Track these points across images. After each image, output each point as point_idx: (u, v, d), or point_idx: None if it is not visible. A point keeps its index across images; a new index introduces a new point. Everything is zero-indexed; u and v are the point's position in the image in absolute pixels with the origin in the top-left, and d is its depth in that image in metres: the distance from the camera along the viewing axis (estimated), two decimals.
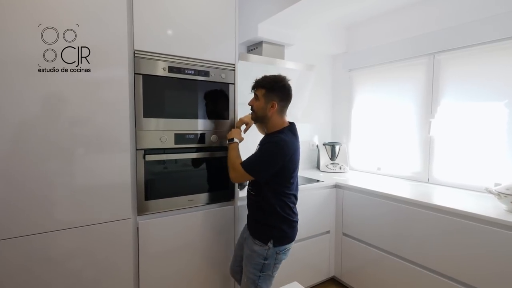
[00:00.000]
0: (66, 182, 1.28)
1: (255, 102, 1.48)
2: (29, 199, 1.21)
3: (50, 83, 1.21)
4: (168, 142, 1.53)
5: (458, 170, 2.10)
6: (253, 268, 1.43)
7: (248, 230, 1.52)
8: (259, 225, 1.46)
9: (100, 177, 1.36)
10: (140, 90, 1.44)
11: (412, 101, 2.38)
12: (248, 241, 1.49)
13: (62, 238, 1.29)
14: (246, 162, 1.42)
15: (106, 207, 1.38)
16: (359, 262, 2.18)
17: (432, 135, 2.25)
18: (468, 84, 2.04)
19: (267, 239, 1.42)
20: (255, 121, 1.56)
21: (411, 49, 2.31)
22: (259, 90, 1.46)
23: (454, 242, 1.62)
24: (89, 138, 1.32)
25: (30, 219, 1.22)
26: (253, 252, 1.44)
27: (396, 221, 1.91)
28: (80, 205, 1.32)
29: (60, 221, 1.28)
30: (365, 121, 2.79)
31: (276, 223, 1.43)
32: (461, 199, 1.81)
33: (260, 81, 1.47)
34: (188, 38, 1.56)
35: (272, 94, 1.44)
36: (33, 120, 1.19)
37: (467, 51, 2.02)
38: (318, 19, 2.16)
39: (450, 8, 2.10)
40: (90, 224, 1.35)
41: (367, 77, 2.76)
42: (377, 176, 2.60)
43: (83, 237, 1.33)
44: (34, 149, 1.20)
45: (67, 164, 1.28)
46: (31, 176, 1.21)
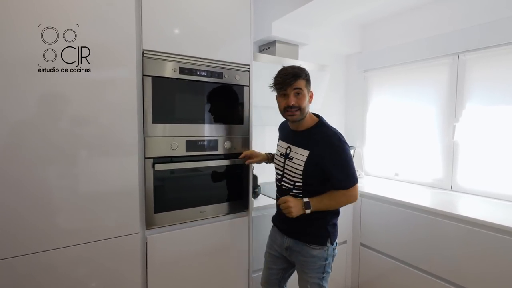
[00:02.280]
0: (70, 194, 1.17)
1: (299, 98, 1.24)
2: (31, 210, 1.10)
3: (51, 83, 1.11)
4: (179, 150, 1.41)
5: (485, 177, 1.96)
6: (316, 273, 1.32)
7: (294, 237, 1.35)
8: (312, 228, 1.31)
9: (106, 189, 1.24)
10: (149, 93, 1.32)
11: (433, 103, 2.24)
12: (298, 247, 1.33)
13: (66, 254, 1.18)
14: (345, 177, 1.22)
15: (113, 221, 1.27)
16: (377, 274, 2.05)
17: (456, 140, 2.11)
18: (496, 87, 1.90)
19: (324, 240, 1.30)
20: (299, 119, 1.29)
21: (432, 49, 2.17)
22: (301, 81, 1.24)
23: (481, 256, 1.51)
24: (94, 146, 1.21)
25: (33, 233, 1.11)
26: (312, 258, 1.31)
27: (417, 232, 1.79)
28: (86, 219, 1.21)
29: (63, 237, 1.17)
30: (382, 124, 2.65)
31: (331, 219, 1.33)
32: (489, 209, 1.69)
33: (297, 71, 1.24)
34: (201, 36, 1.44)
35: (309, 83, 1.29)
36: (33, 121, 1.10)
37: (496, 50, 1.88)
38: (333, 17, 2.05)
39: (475, 6, 1.96)
40: (96, 240, 1.24)
41: (383, 78, 2.63)
42: (395, 182, 2.46)
43: (88, 253, 1.22)
44: (33, 151, 1.10)
45: (71, 174, 1.17)
46: (31, 184, 1.10)
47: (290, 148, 1.36)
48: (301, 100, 1.25)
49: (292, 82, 1.23)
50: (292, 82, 1.23)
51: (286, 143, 1.40)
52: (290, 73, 1.24)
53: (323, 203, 1.26)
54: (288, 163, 1.35)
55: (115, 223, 1.27)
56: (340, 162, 1.22)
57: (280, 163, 1.40)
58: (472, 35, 1.95)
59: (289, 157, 1.34)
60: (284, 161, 1.37)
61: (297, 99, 1.25)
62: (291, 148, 1.35)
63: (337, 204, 1.29)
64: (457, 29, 2.03)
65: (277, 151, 1.47)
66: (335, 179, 1.24)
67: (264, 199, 1.89)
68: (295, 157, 1.32)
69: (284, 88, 1.26)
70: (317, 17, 2.01)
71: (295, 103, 1.25)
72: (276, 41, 2.12)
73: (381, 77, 2.65)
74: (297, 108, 1.26)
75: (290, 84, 1.24)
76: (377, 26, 2.62)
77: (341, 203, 1.29)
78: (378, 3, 1.95)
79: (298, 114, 1.27)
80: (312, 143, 1.27)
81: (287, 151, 1.37)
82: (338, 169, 1.23)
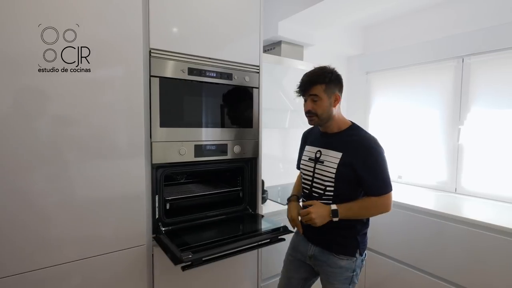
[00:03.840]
0: (65, 201, 1.08)
1: (316, 104, 1.21)
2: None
3: (51, 83, 1.03)
4: (188, 155, 1.33)
5: (490, 180, 1.97)
6: (342, 284, 1.24)
7: (320, 246, 1.28)
8: (341, 238, 1.24)
9: (109, 196, 1.16)
10: (157, 95, 1.24)
11: (438, 106, 2.23)
12: (325, 257, 1.26)
13: (60, 272, 1.09)
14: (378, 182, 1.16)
15: (117, 231, 1.18)
16: (382, 277, 2.03)
17: (461, 143, 2.11)
18: (501, 90, 1.90)
19: (353, 251, 1.23)
20: (318, 124, 1.28)
21: (437, 52, 2.17)
22: (316, 88, 1.20)
23: (486, 258, 1.52)
24: (93, 151, 1.12)
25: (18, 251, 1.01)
26: (339, 269, 1.24)
27: (422, 234, 1.80)
28: (87, 230, 1.12)
29: (55, 253, 1.08)
30: (384, 127, 2.64)
31: (361, 229, 1.26)
32: (494, 211, 1.71)
33: (313, 78, 1.21)
34: (210, 35, 1.37)
35: (332, 86, 1.21)
36: (31, 121, 1.01)
37: (501, 54, 1.88)
38: (339, 19, 2.03)
39: (476, 10, 1.97)
40: (97, 254, 1.15)
41: (386, 80, 2.61)
42: (399, 184, 2.45)
43: (84, 271, 1.13)
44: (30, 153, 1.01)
45: (67, 179, 1.08)
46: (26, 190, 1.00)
47: (320, 152, 1.29)
48: (318, 106, 1.22)
49: (308, 89, 1.22)
50: (308, 89, 1.22)
51: (315, 147, 1.33)
52: (308, 79, 1.23)
53: (352, 211, 1.19)
54: (318, 167, 1.27)
55: (120, 236, 1.19)
56: (374, 165, 1.17)
57: (309, 168, 1.32)
58: (477, 39, 1.95)
59: (320, 161, 1.27)
60: (314, 165, 1.29)
61: (314, 105, 1.22)
62: (321, 152, 1.28)
63: (367, 213, 1.21)
64: (462, 32, 2.02)
65: (304, 156, 1.38)
66: (366, 184, 1.17)
67: (272, 204, 1.83)
68: (326, 160, 1.25)
69: (302, 94, 1.26)
70: (324, 18, 1.97)
71: (312, 108, 1.23)
72: (281, 41, 2.07)
73: (384, 79, 2.63)
74: (314, 114, 1.23)
75: (306, 90, 1.23)
76: (379, 28, 2.61)
77: (372, 212, 1.21)
78: (385, 5, 1.93)
79: (315, 119, 1.25)
80: (345, 145, 1.22)
81: (317, 155, 1.30)
82: (371, 172, 1.17)
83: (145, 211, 1.24)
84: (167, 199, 1.34)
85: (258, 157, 1.57)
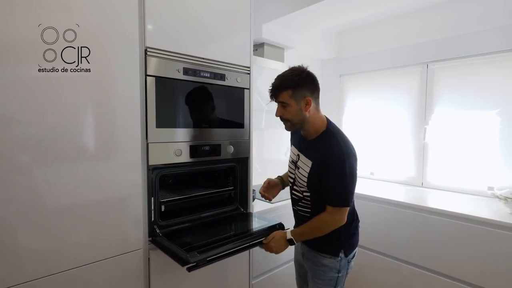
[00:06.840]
0: (63, 204, 1.02)
1: (285, 109, 1.19)
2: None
3: (51, 83, 0.97)
4: (183, 156, 1.32)
5: (452, 175, 2.19)
6: (327, 285, 1.25)
7: (307, 244, 1.31)
8: (325, 238, 1.21)
9: (104, 198, 1.11)
10: (153, 95, 1.21)
11: (406, 107, 2.44)
12: (311, 255, 1.29)
13: (56, 282, 1.02)
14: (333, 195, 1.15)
15: (114, 236, 1.14)
16: (364, 269, 2.16)
17: (426, 141, 2.32)
18: (462, 93, 2.13)
19: (336, 251, 1.24)
20: (293, 129, 1.28)
21: (404, 58, 2.36)
22: (283, 94, 1.17)
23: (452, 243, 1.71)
24: (94, 158, 1.07)
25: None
26: (323, 267, 1.25)
27: (395, 225, 1.96)
28: (83, 235, 1.06)
29: (60, 260, 1.01)
30: (357, 127, 2.81)
31: (345, 230, 1.24)
32: (457, 202, 1.91)
33: (279, 84, 1.18)
34: (205, 35, 1.37)
35: (300, 90, 1.16)
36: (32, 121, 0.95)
37: (462, 61, 2.11)
38: (317, 24, 2.12)
39: (441, 21, 2.18)
40: (92, 262, 1.09)
41: (359, 83, 2.78)
42: (371, 180, 2.62)
43: (84, 278, 1.08)
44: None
45: (63, 180, 1.02)
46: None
47: (298, 156, 1.30)
48: (288, 112, 1.19)
49: (275, 95, 1.21)
50: (275, 95, 1.21)
51: (296, 150, 1.33)
52: (275, 85, 1.21)
53: (305, 235, 1.23)
54: (297, 172, 1.29)
55: (116, 241, 1.14)
56: (335, 178, 1.15)
57: (292, 170, 1.35)
58: (440, 47, 2.16)
59: (297, 166, 1.29)
60: (295, 169, 1.31)
61: (283, 110, 1.21)
62: (299, 156, 1.29)
63: (320, 231, 1.20)
64: (427, 41, 2.23)
65: (289, 157, 1.40)
66: (324, 193, 1.19)
67: (260, 204, 1.86)
68: (301, 167, 1.26)
69: (273, 99, 1.24)
70: (305, 22, 2.05)
71: (282, 115, 1.22)
72: (264, 43, 2.11)
73: (357, 81, 2.80)
74: (285, 120, 1.23)
75: (274, 96, 1.22)
76: (353, 34, 2.77)
77: (324, 230, 1.19)
78: (359, 13, 2.06)
79: (288, 125, 1.24)
80: (314, 154, 1.22)
81: (296, 159, 1.31)
82: (329, 185, 1.17)
83: (141, 214, 1.20)
84: (162, 201, 1.32)
85: (249, 157, 1.59)
